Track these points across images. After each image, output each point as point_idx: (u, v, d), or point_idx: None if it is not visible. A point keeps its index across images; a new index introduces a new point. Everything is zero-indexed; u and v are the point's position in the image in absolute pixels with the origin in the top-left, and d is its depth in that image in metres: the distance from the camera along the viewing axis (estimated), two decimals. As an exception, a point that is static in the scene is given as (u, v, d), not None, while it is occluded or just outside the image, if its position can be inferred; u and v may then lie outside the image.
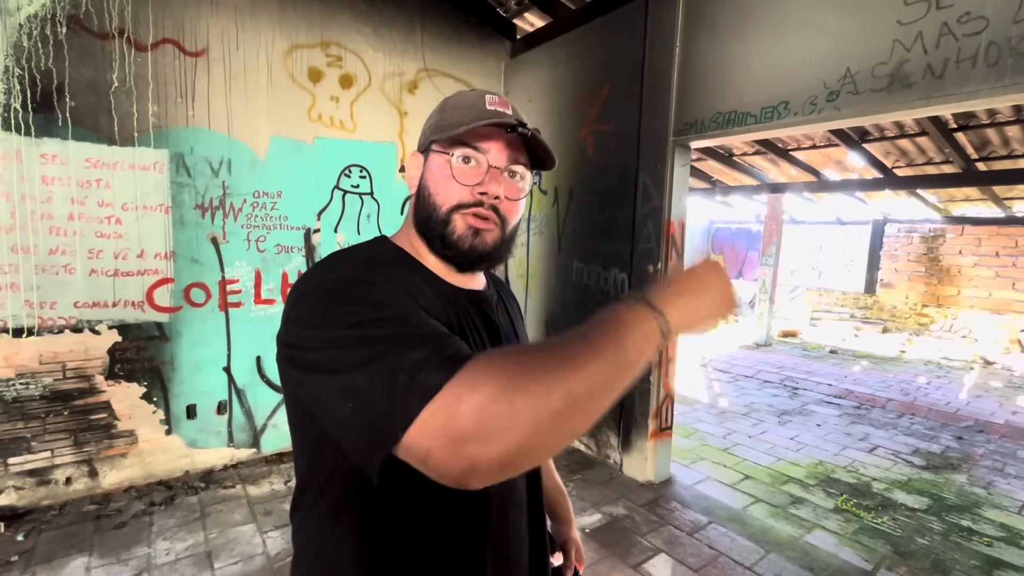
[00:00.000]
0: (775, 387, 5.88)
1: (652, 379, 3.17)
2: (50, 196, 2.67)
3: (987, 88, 1.88)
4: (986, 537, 2.83)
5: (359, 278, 0.62)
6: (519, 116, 0.73)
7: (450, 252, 0.72)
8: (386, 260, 0.73)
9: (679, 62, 2.96)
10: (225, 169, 3.13)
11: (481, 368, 0.49)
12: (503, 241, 0.74)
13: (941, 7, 1.98)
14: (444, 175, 0.71)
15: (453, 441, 0.46)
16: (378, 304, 0.57)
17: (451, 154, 0.70)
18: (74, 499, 2.84)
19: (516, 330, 0.88)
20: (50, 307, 2.72)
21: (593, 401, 0.50)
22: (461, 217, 0.70)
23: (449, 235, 0.71)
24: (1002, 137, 4.75)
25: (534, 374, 0.48)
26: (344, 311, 0.57)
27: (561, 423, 0.48)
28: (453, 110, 0.72)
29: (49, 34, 2.60)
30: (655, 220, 3.12)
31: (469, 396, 0.47)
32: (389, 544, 0.67)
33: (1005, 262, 7.97)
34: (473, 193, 0.70)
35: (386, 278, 0.65)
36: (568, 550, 1.03)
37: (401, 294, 0.62)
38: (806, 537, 2.74)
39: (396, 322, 0.55)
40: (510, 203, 0.73)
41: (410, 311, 0.58)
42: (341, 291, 0.59)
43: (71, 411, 2.82)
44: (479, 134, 0.70)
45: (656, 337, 0.57)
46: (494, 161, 0.71)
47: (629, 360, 0.53)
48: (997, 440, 4.40)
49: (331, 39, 3.43)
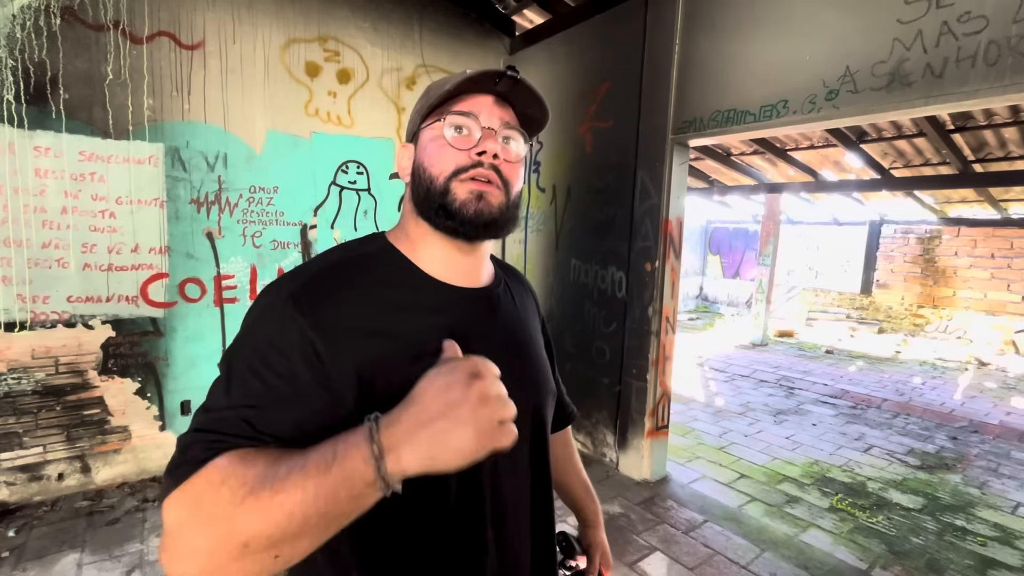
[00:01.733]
0: (771, 387, 5.89)
1: (649, 377, 3.16)
2: (43, 189, 2.65)
3: (987, 88, 1.88)
4: (980, 537, 2.84)
5: (288, 313, 0.60)
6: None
7: (454, 222, 0.67)
8: (362, 263, 0.69)
9: (678, 60, 2.96)
10: (221, 163, 3.11)
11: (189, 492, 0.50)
12: (508, 206, 0.69)
13: (941, 6, 1.98)
14: (438, 145, 0.68)
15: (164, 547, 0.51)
16: (258, 364, 0.58)
17: (442, 121, 0.68)
18: (66, 495, 2.82)
19: (523, 327, 0.82)
20: (43, 301, 2.70)
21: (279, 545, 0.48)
22: (460, 183, 0.66)
23: (451, 204, 0.66)
24: (999, 139, 4.77)
25: (226, 511, 0.48)
26: (243, 343, 0.61)
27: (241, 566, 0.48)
28: (436, 87, 0.70)
29: (43, 25, 2.58)
30: (653, 218, 3.11)
31: (170, 515, 0.50)
32: (376, 553, 0.65)
33: (1000, 264, 8.00)
34: (470, 155, 0.67)
35: (350, 300, 0.64)
36: (592, 554, 1.00)
37: (346, 323, 0.62)
38: (801, 536, 2.75)
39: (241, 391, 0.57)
40: (510, 165, 0.69)
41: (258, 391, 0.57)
42: (259, 323, 0.62)
43: (64, 406, 2.80)
44: (467, 100, 0.68)
45: (370, 493, 0.49)
46: (486, 122, 0.67)
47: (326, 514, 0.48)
48: (991, 440, 4.41)
49: (329, 34, 3.40)
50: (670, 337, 3.20)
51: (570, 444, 1.08)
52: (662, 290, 3.10)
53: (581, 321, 3.65)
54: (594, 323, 3.55)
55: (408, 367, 0.60)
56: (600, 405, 3.50)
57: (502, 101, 0.70)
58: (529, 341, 0.82)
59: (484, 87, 0.68)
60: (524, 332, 0.81)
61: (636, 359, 3.23)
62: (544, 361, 0.85)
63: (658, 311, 3.11)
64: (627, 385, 3.30)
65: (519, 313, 0.82)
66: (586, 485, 1.06)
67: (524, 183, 0.76)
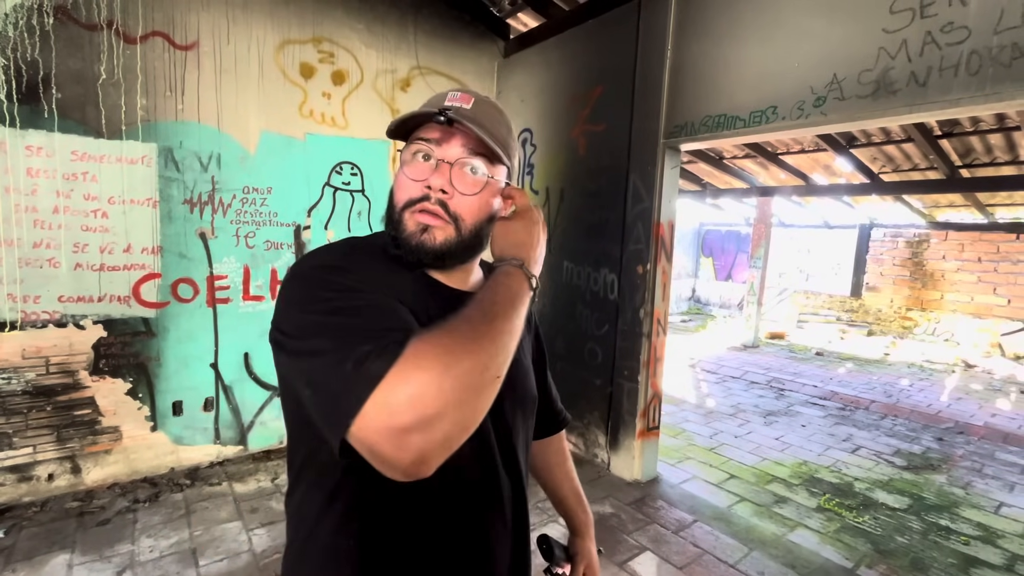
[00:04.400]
0: (762, 388, 5.94)
1: (640, 379, 3.19)
2: (35, 188, 2.64)
3: (968, 96, 1.93)
4: (963, 536, 2.89)
5: (337, 265, 0.64)
6: (479, 110, 0.70)
7: (401, 251, 0.70)
8: (377, 251, 0.72)
9: (670, 65, 2.99)
10: (214, 164, 3.11)
11: (412, 355, 0.52)
12: (459, 240, 0.70)
13: (925, 16, 2.02)
14: (400, 173, 0.71)
15: (395, 434, 0.49)
16: (345, 292, 0.60)
17: (405, 150, 0.71)
18: (56, 496, 2.80)
19: None
20: (33, 301, 2.68)
21: (504, 364, 0.58)
22: (410, 215, 0.69)
23: (400, 233, 0.69)
24: (985, 145, 4.85)
25: (457, 354, 0.53)
26: (316, 296, 0.61)
27: (484, 393, 0.55)
28: (425, 106, 0.72)
29: (36, 24, 2.57)
30: (645, 221, 3.14)
31: (402, 387, 0.50)
32: (373, 520, 0.68)
33: (987, 267, 8.12)
34: (421, 188, 0.68)
35: (369, 268, 0.68)
36: (577, 564, 0.99)
37: (374, 282, 0.64)
38: (789, 535, 2.79)
39: (355, 312, 0.58)
40: (463, 198, 0.69)
41: (373, 301, 0.60)
42: (317, 277, 0.63)
43: (54, 407, 2.79)
44: (432, 128, 0.69)
45: (530, 297, 0.68)
46: (441, 154, 0.68)
47: (520, 324, 0.63)
48: (976, 441, 4.49)
49: (323, 35, 3.41)
50: (661, 339, 3.23)
51: (563, 451, 1.08)
52: (653, 292, 3.14)
53: (573, 323, 3.68)
54: (586, 325, 3.58)
55: None
56: (592, 406, 3.53)
57: (462, 128, 0.69)
58: (523, 343, 0.85)
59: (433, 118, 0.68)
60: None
61: (628, 360, 3.26)
62: (527, 369, 0.87)
63: (649, 313, 3.15)
64: (619, 386, 3.33)
65: None
66: (578, 493, 1.06)
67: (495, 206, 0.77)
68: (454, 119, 0.67)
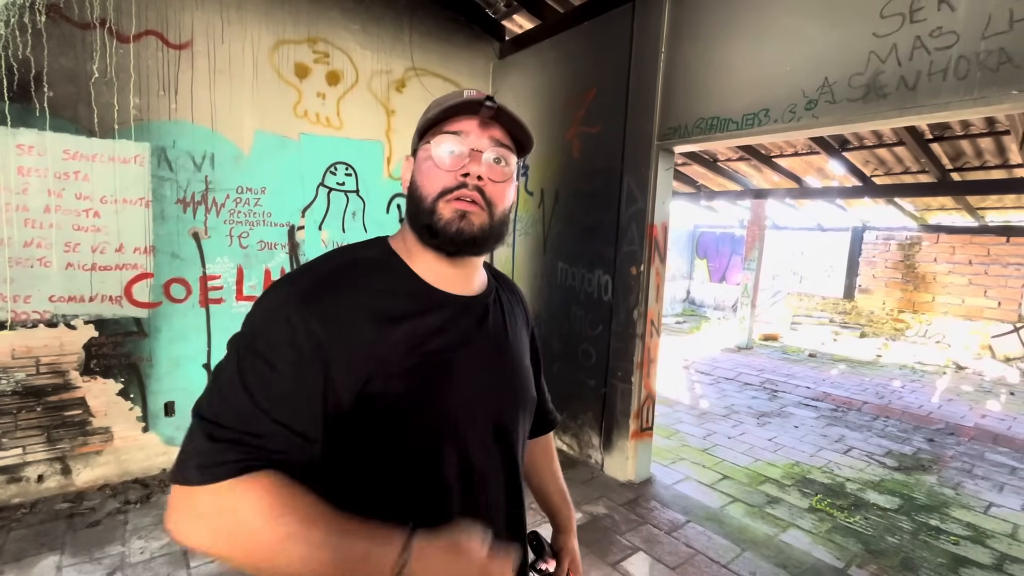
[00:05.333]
0: (755, 389, 5.97)
1: (634, 380, 3.21)
2: (26, 187, 2.62)
3: (957, 100, 1.95)
4: (953, 536, 2.92)
5: (289, 317, 0.64)
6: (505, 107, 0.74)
7: (437, 240, 0.72)
8: (370, 265, 0.73)
9: (664, 67, 3.01)
10: (208, 164, 3.10)
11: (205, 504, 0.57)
12: (492, 226, 0.73)
13: (915, 21, 2.05)
14: (429, 166, 0.73)
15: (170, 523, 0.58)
16: (261, 364, 0.62)
17: (432, 143, 0.73)
18: (46, 497, 2.78)
19: (510, 336, 0.84)
20: (24, 301, 2.66)
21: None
22: (446, 203, 0.71)
23: (436, 223, 0.71)
24: (975, 148, 4.90)
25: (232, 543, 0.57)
26: (246, 345, 0.64)
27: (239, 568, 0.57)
28: (434, 107, 0.74)
29: (27, 22, 2.55)
30: (639, 223, 3.16)
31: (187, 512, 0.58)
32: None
33: (978, 270, 8.20)
34: (456, 177, 0.71)
35: (345, 301, 0.67)
36: (562, 559, 1.01)
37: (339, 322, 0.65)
38: (781, 536, 2.80)
39: (247, 394, 0.61)
40: (495, 185, 0.73)
41: (264, 395, 0.61)
42: (254, 329, 0.65)
43: (44, 407, 2.76)
44: (458, 122, 0.72)
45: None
46: (474, 144, 0.72)
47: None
48: (966, 442, 4.53)
49: (318, 35, 3.41)
50: (655, 340, 3.25)
51: (550, 451, 1.10)
52: (647, 293, 3.15)
53: (568, 324, 3.69)
54: (580, 326, 3.59)
55: (401, 365, 0.68)
56: (586, 407, 3.54)
57: (492, 122, 0.74)
58: (514, 350, 0.85)
59: (473, 109, 0.72)
60: (510, 341, 0.84)
61: (621, 361, 3.27)
62: (527, 370, 0.88)
63: (643, 314, 3.16)
64: (612, 387, 3.34)
65: (508, 322, 0.85)
66: (563, 492, 1.08)
67: (516, 197, 0.79)
68: (500, 107, 0.71)
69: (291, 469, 0.60)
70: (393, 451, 0.68)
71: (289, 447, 0.61)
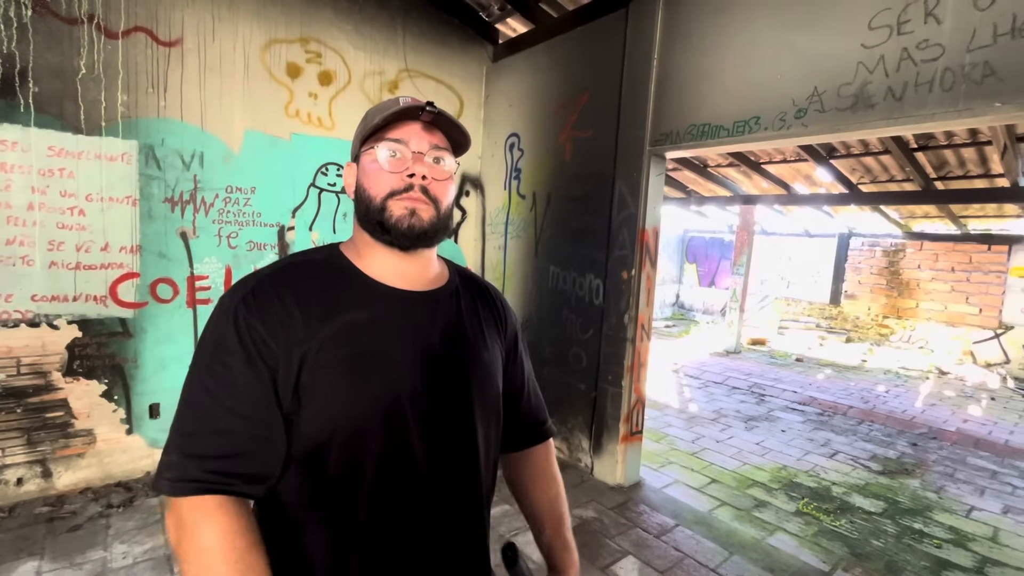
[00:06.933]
0: (743, 393, 6.02)
1: (624, 384, 3.22)
2: (8, 184, 2.57)
3: (942, 112, 1.99)
4: (936, 539, 2.96)
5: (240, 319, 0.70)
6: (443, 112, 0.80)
7: (390, 235, 0.76)
8: (317, 266, 0.78)
9: (656, 74, 3.03)
10: (197, 162, 3.06)
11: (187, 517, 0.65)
12: (439, 219, 0.79)
13: (902, 33, 2.08)
14: (375, 169, 0.77)
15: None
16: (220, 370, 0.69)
17: (376, 148, 0.77)
18: (25, 500, 2.72)
19: (466, 334, 0.83)
20: (5, 300, 2.61)
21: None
22: (395, 202, 0.76)
23: (387, 220, 0.76)
24: (958, 158, 5.00)
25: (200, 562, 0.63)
26: (198, 357, 0.71)
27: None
28: (373, 115, 0.78)
29: (13, 16, 2.51)
30: (630, 227, 3.17)
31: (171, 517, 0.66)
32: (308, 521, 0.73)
33: (960, 277, 8.35)
34: (402, 178, 0.76)
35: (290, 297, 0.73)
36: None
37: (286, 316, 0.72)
38: (768, 539, 2.82)
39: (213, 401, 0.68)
40: (438, 183, 0.78)
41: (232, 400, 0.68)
42: (206, 340, 0.71)
43: (25, 409, 2.70)
44: (398, 128, 0.78)
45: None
46: (416, 147, 0.77)
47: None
48: (949, 447, 4.60)
49: (311, 35, 3.39)
50: (645, 344, 3.26)
51: (544, 470, 1.00)
52: (638, 298, 3.16)
53: (559, 327, 3.69)
54: (571, 329, 3.59)
55: (331, 357, 0.71)
56: (576, 411, 3.54)
57: (430, 126, 0.80)
58: (471, 349, 0.83)
59: (412, 115, 0.78)
60: (467, 336, 0.84)
61: (612, 365, 3.28)
62: (486, 366, 0.85)
63: (634, 318, 3.17)
64: (603, 391, 3.35)
65: (466, 320, 0.85)
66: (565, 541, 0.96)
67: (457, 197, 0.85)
68: (440, 112, 0.77)
69: (252, 488, 0.68)
70: (322, 438, 0.71)
71: (254, 447, 0.67)
